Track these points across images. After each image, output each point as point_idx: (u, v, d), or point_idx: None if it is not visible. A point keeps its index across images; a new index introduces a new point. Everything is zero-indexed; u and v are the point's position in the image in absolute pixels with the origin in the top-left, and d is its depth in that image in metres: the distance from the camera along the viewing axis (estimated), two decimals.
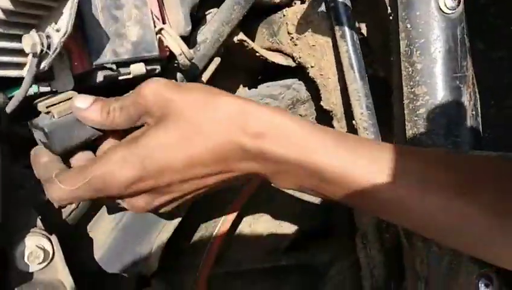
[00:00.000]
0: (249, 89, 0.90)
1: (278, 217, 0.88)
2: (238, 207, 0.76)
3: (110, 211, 0.53)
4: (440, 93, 0.60)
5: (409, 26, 0.66)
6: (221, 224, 0.74)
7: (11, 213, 0.42)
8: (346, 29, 0.66)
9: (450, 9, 0.58)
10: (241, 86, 0.92)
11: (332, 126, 0.74)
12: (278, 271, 0.88)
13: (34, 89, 0.44)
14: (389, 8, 0.72)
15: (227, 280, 0.81)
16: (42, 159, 0.44)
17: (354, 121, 0.67)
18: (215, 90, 0.42)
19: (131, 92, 0.44)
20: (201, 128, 0.39)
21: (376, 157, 0.39)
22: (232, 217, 0.75)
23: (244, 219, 0.83)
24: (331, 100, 0.72)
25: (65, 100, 0.44)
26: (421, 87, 0.64)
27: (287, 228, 0.89)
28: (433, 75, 0.64)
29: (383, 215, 0.42)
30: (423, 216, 0.39)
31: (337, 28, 0.66)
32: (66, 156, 0.44)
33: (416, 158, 0.40)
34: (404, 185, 0.38)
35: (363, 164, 0.39)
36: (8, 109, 0.42)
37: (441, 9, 0.58)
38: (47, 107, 0.44)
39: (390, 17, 0.70)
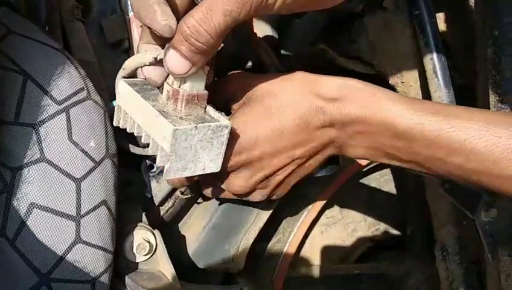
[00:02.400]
0: None
1: (350, 225, 0.89)
2: (313, 214, 0.77)
3: (203, 208, 0.57)
4: None
5: (496, 33, 0.64)
6: (297, 229, 0.76)
7: (121, 207, 0.46)
8: (431, 36, 0.66)
9: None
10: None
11: None
12: (351, 279, 0.88)
13: None
14: (474, 14, 0.71)
15: (301, 283, 0.82)
16: None
17: None
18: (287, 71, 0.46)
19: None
20: (282, 101, 0.43)
21: (446, 113, 0.40)
22: (306, 223, 0.77)
23: (317, 226, 0.84)
24: None
25: None
26: (510, 95, 0.62)
27: (360, 237, 0.89)
28: None
29: (450, 167, 0.41)
30: (492, 158, 0.38)
31: (420, 35, 0.66)
32: None
33: (484, 113, 0.41)
34: (472, 131, 0.39)
35: (431, 114, 0.40)
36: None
37: None
38: None
39: (476, 24, 0.69)
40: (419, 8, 0.66)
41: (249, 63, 0.53)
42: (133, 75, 0.43)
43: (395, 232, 0.92)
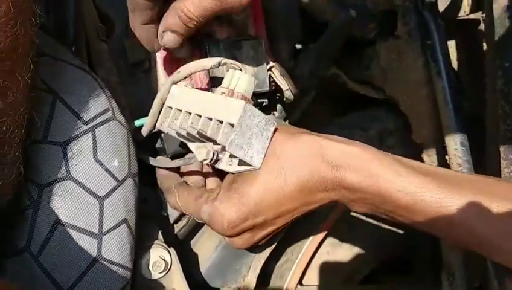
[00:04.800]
0: (337, 117, 0.93)
1: (356, 246, 0.89)
2: (321, 235, 0.78)
3: None
4: None
5: (507, 64, 0.66)
6: (305, 250, 0.77)
7: (138, 225, 0.47)
8: (442, 66, 0.67)
9: None
10: (327, 114, 0.95)
11: (421, 160, 0.75)
12: None
13: None
14: (485, 44, 0.73)
15: None
16: (163, 172, 0.52)
17: (447, 157, 0.68)
18: (295, 129, 0.47)
19: None
20: (284, 164, 0.43)
21: (447, 186, 0.41)
22: (314, 244, 0.78)
23: (323, 246, 0.84)
24: (422, 134, 0.73)
25: None
26: None
27: (365, 258, 0.89)
28: None
29: (451, 238, 0.43)
30: (490, 238, 0.40)
31: (432, 64, 0.68)
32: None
33: (482, 184, 0.42)
34: (472, 209, 0.40)
35: (432, 188, 0.40)
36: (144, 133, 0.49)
37: None
38: None
39: (486, 54, 0.71)
40: (432, 38, 0.68)
41: (266, 87, 0.55)
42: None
43: (401, 254, 0.92)
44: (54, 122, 0.42)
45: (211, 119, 0.43)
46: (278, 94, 0.61)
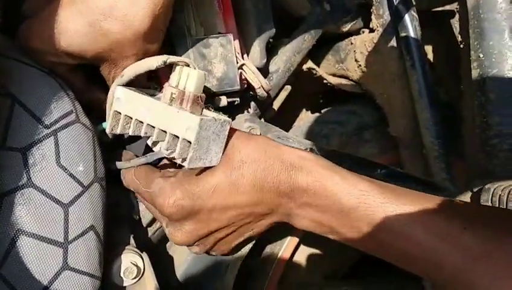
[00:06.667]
0: (312, 113, 0.92)
1: (336, 243, 0.89)
2: (301, 231, 0.77)
3: None
4: None
5: (481, 55, 0.66)
6: (286, 247, 0.76)
7: (108, 229, 0.46)
8: (417, 58, 0.67)
9: None
10: (304, 110, 0.95)
11: (398, 153, 0.75)
12: None
13: None
14: (459, 36, 0.73)
15: None
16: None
17: (424, 150, 0.67)
18: (256, 135, 0.47)
19: None
20: (244, 158, 0.44)
21: (388, 191, 0.42)
22: (294, 241, 0.77)
23: (303, 243, 0.84)
24: (399, 127, 0.73)
25: None
26: (495, 117, 0.64)
27: (346, 254, 0.89)
28: (507, 105, 0.64)
29: (393, 250, 0.43)
30: (434, 246, 0.40)
31: (407, 57, 0.67)
32: None
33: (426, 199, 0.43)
34: (413, 217, 0.41)
35: (376, 193, 0.42)
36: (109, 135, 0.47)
37: None
38: None
39: (461, 46, 0.71)
40: (406, 30, 0.67)
41: (236, 86, 0.53)
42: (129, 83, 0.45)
43: None
44: (12, 127, 0.40)
45: (165, 131, 0.41)
46: (251, 92, 0.60)
